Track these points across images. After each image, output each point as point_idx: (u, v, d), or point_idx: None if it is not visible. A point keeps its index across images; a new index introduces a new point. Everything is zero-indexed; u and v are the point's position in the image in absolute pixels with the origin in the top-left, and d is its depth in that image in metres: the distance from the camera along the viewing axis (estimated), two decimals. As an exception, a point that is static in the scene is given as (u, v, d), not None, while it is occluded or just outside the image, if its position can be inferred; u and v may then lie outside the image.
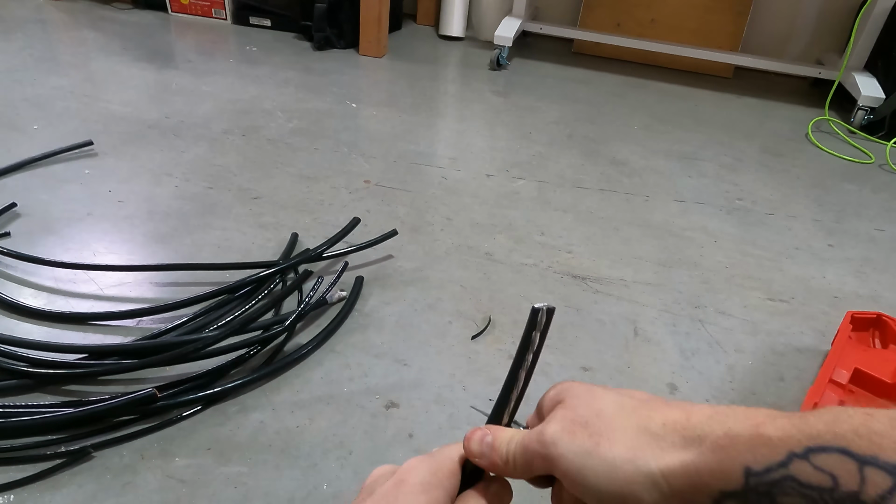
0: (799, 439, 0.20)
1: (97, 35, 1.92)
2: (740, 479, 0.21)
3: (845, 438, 0.19)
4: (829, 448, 0.19)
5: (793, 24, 2.13)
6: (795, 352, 0.89)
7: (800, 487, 0.20)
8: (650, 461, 0.25)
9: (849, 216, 1.29)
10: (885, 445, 0.18)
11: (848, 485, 0.18)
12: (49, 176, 1.14)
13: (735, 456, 0.22)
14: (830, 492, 0.19)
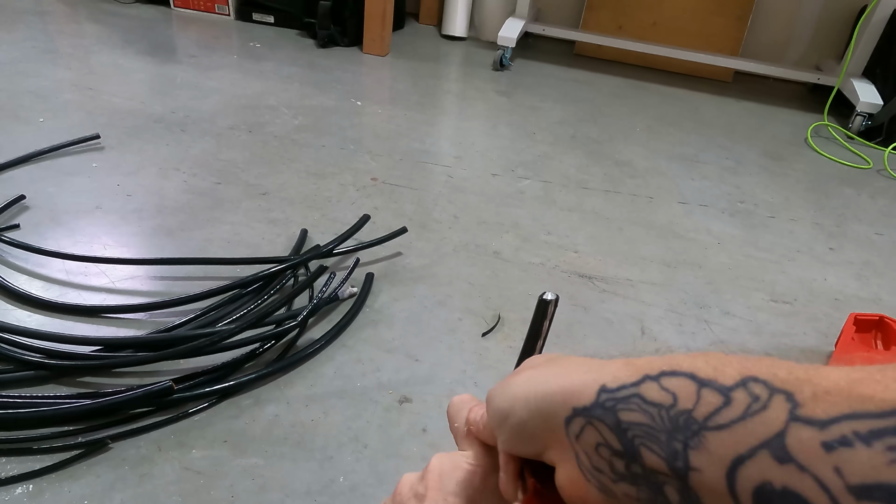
0: (660, 366, 0.21)
1: (99, 28, 1.91)
2: (592, 395, 0.23)
3: (696, 367, 0.20)
4: (679, 373, 0.20)
5: (792, 30, 2.15)
6: (799, 352, 0.91)
7: (643, 403, 0.21)
8: (533, 382, 0.27)
9: (848, 220, 1.31)
10: (727, 373, 0.19)
11: (684, 403, 0.20)
12: (56, 168, 1.14)
13: (598, 378, 0.23)
14: (668, 408, 0.20)
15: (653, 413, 0.21)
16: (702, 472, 0.19)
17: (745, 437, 0.18)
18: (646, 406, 0.21)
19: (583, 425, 0.23)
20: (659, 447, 0.20)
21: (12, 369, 0.70)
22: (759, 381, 0.19)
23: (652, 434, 0.21)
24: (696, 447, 0.19)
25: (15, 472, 0.61)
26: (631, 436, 0.21)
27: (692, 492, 0.20)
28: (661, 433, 0.20)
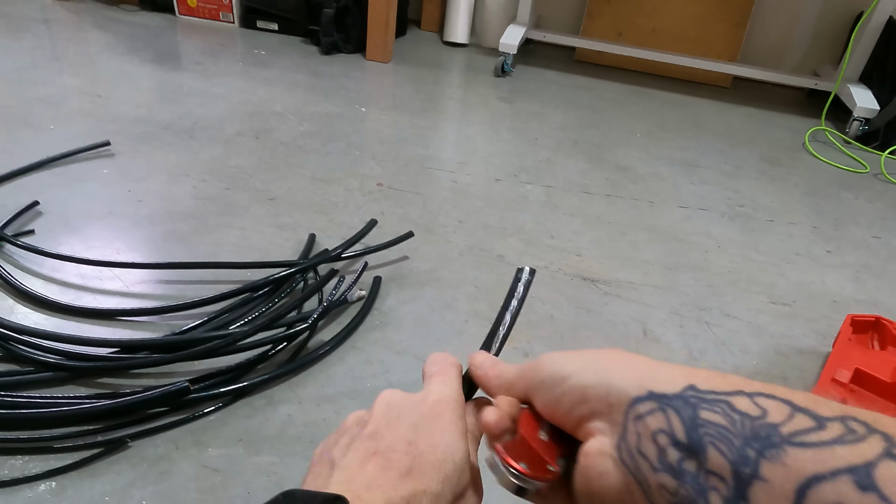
0: (757, 388, 0.23)
1: (105, 36, 1.94)
2: (678, 388, 0.24)
3: (794, 396, 0.22)
4: (776, 397, 0.22)
5: (790, 36, 2.18)
6: (798, 353, 0.93)
7: (729, 409, 0.22)
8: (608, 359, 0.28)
9: (846, 224, 1.33)
10: (826, 406, 0.21)
11: (774, 417, 0.21)
12: (68, 175, 1.16)
13: (689, 377, 0.24)
14: (754, 419, 0.21)
15: (735, 419, 0.21)
16: (769, 483, 0.19)
17: (830, 459, 0.18)
18: (731, 412, 0.22)
19: (652, 409, 0.24)
20: (729, 449, 0.21)
21: (32, 371, 0.72)
22: (858, 421, 0.19)
23: (726, 436, 0.21)
24: (771, 458, 0.20)
25: (38, 470, 0.63)
26: (702, 433, 0.22)
27: (746, 502, 0.20)
28: (737, 438, 0.21)
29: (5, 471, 0.63)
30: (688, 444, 0.22)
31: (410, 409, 0.30)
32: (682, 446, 0.22)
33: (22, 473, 0.62)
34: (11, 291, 0.85)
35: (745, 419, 0.21)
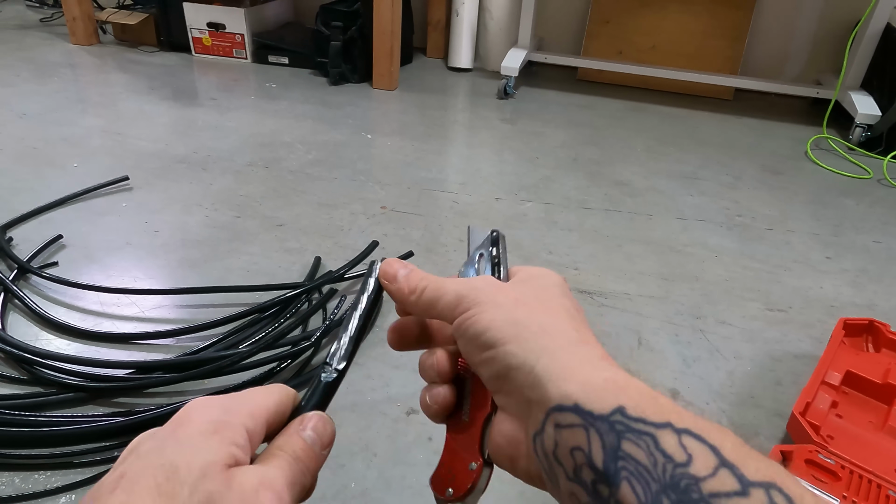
0: (688, 423, 0.21)
1: (125, 77, 2.04)
2: (606, 409, 0.22)
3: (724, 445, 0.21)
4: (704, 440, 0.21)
5: (789, 47, 2.21)
6: (793, 357, 0.94)
7: (653, 447, 0.21)
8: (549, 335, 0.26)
9: (846, 230, 1.34)
10: (752, 466, 0.20)
11: (697, 469, 0.20)
12: (89, 209, 1.23)
13: (619, 395, 0.23)
14: (677, 465, 0.20)
15: (657, 460, 0.20)
16: None
17: None
18: (654, 450, 0.21)
19: (574, 423, 0.23)
20: (644, 492, 0.20)
21: (54, 392, 0.77)
22: (782, 493, 0.19)
23: (644, 477, 0.20)
24: None
25: (58, 484, 0.67)
26: (621, 465, 0.21)
27: None
28: (655, 482, 0.20)
29: (29, 485, 0.67)
30: (603, 472, 0.22)
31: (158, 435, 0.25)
32: (597, 471, 0.22)
33: (44, 487, 0.67)
34: (36, 319, 0.91)
35: (668, 463, 0.20)
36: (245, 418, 0.25)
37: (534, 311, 0.27)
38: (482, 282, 0.29)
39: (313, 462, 0.27)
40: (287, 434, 0.27)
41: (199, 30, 2.23)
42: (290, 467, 0.25)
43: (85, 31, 2.28)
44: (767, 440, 0.79)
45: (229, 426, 0.25)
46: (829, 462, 0.62)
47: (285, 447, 0.26)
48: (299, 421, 0.28)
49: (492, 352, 0.26)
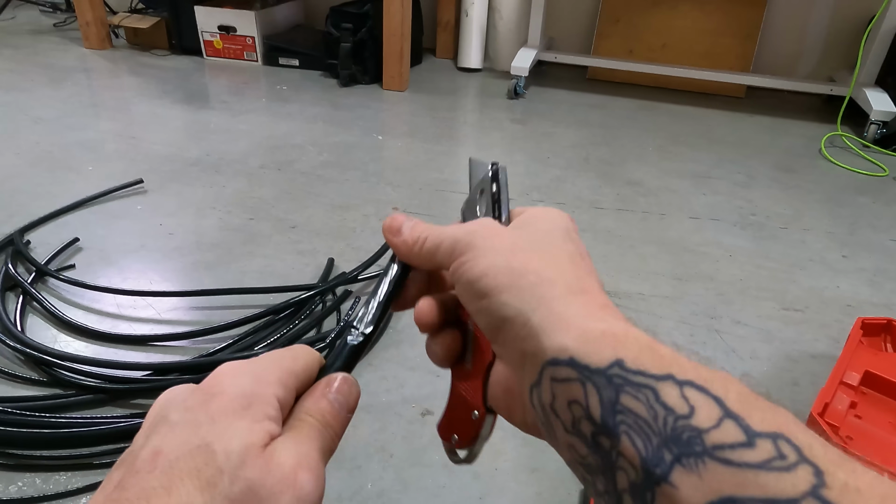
0: (690, 374, 0.20)
1: (138, 80, 2.06)
2: (604, 362, 0.21)
3: (728, 395, 0.20)
4: (707, 391, 0.20)
5: (802, 44, 2.19)
6: (810, 358, 0.93)
7: (653, 400, 0.20)
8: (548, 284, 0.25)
9: (862, 228, 1.33)
10: (758, 417, 0.19)
11: (700, 421, 0.19)
12: (105, 212, 1.24)
13: (617, 347, 0.22)
14: (679, 417, 0.20)
15: (658, 413, 0.20)
16: (678, 490, 0.18)
17: (751, 485, 0.17)
18: (655, 403, 0.20)
19: (570, 377, 0.22)
20: (644, 445, 0.20)
21: (74, 394, 0.78)
22: (790, 443, 0.18)
23: (644, 430, 0.20)
24: (688, 467, 0.18)
25: (79, 485, 0.68)
26: (619, 420, 0.20)
27: (650, 495, 0.19)
28: (656, 435, 0.19)
29: (50, 486, 0.68)
30: (601, 425, 0.21)
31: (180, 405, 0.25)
32: (596, 424, 0.21)
33: (65, 488, 0.68)
34: (55, 322, 0.92)
35: (669, 415, 0.19)
36: (276, 388, 0.25)
37: (532, 258, 0.26)
38: (479, 225, 0.28)
39: (340, 426, 0.27)
40: (314, 397, 0.27)
41: (211, 33, 2.25)
42: (320, 436, 0.25)
43: (98, 35, 2.30)
44: (785, 441, 0.78)
45: (261, 399, 0.24)
46: (850, 463, 0.62)
47: (313, 412, 0.26)
48: (325, 383, 0.27)
49: (486, 301, 0.25)
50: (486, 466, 0.72)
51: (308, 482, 0.23)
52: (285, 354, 0.27)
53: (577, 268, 0.26)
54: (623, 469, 0.20)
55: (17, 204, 1.24)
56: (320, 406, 0.26)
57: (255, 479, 0.22)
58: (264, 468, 0.22)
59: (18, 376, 0.81)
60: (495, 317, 0.25)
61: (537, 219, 0.29)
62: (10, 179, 1.34)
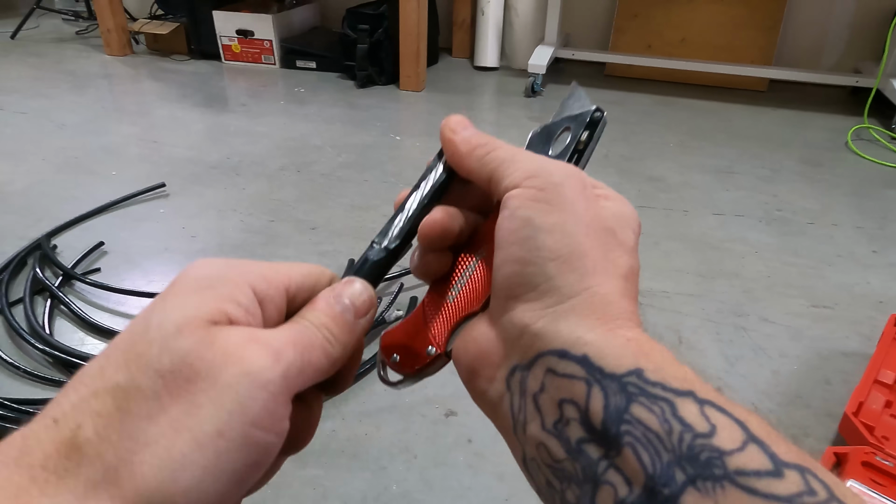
0: (712, 395, 0.19)
1: (159, 85, 2.09)
2: (621, 368, 0.20)
3: (749, 421, 0.18)
4: (730, 414, 0.18)
5: (826, 35, 2.14)
6: (841, 356, 0.91)
7: (670, 414, 0.18)
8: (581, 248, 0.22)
9: (892, 222, 1.30)
10: (783, 448, 0.18)
11: (722, 442, 0.18)
12: (129, 216, 1.26)
13: (639, 355, 0.20)
14: (697, 436, 0.18)
15: (674, 429, 0.18)
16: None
17: None
18: (671, 418, 0.18)
19: (574, 374, 0.20)
20: (652, 461, 0.18)
21: (101, 395, 0.79)
22: (819, 480, 0.17)
23: (654, 445, 0.18)
24: (704, 491, 0.17)
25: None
26: (624, 430, 0.18)
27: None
28: (668, 451, 0.18)
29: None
30: (601, 433, 0.19)
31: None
32: (592, 430, 0.19)
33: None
34: (81, 324, 0.94)
35: (686, 432, 0.18)
36: (255, 278, 0.22)
37: (599, 249, 0.23)
38: (563, 173, 0.24)
39: (344, 331, 0.23)
40: (315, 301, 0.23)
41: (229, 37, 2.27)
42: (304, 330, 0.22)
43: (119, 42, 2.33)
44: (818, 441, 0.76)
45: (229, 282, 0.21)
46: (887, 464, 0.60)
47: (307, 314, 0.23)
48: (331, 288, 0.24)
49: (531, 256, 0.22)
50: (512, 466, 0.71)
51: (260, 356, 0.19)
52: (284, 263, 0.25)
53: (628, 285, 0.23)
54: (611, 484, 0.18)
55: (43, 209, 1.26)
56: (316, 306, 0.23)
57: (191, 351, 0.19)
58: (204, 340, 0.19)
59: (47, 378, 0.82)
60: (526, 279, 0.22)
61: (622, 210, 0.26)
62: (37, 185, 1.37)
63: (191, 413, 0.18)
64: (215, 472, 0.18)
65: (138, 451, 0.18)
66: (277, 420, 0.20)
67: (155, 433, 0.18)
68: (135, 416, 0.18)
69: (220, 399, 0.19)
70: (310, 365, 0.21)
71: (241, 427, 0.19)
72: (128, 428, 0.18)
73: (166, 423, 0.18)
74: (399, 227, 0.27)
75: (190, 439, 0.18)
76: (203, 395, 0.19)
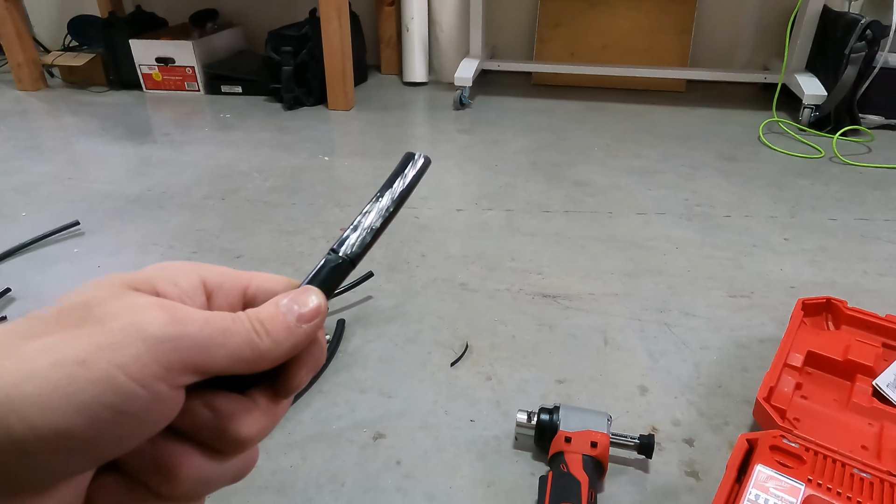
0: None
1: (76, 119, 2.01)
2: None
3: None
4: None
5: (736, 35, 2.25)
6: (758, 342, 0.95)
7: None
8: None
9: (802, 210, 1.36)
10: None
11: None
12: (40, 259, 1.20)
13: None
14: None
15: None
16: None
17: None
18: None
19: None
20: None
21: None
22: None
23: None
24: None
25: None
26: None
27: None
28: None
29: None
30: None
31: None
32: None
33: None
34: (-14, 378, 0.88)
35: None
36: (210, 272, 0.24)
37: None
38: None
39: (280, 329, 0.23)
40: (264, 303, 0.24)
41: (149, 65, 2.21)
42: (228, 316, 0.22)
43: (31, 76, 2.24)
44: (738, 428, 0.78)
45: (177, 269, 0.24)
46: (794, 446, 0.62)
47: (249, 311, 0.23)
48: (285, 293, 0.25)
49: None
50: (441, 486, 0.71)
51: (155, 316, 0.20)
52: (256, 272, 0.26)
53: None
54: None
55: (-55, 257, 1.18)
56: (262, 308, 0.24)
57: (95, 297, 0.21)
58: (115, 294, 0.21)
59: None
60: None
61: None
62: (-61, 232, 1.29)
63: (65, 341, 0.20)
64: (64, 393, 0.19)
65: (2, 360, 0.19)
66: (150, 375, 0.20)
67: (27, 349, 0.19)
68: (18, 335, 0.20)
69: (96, 336, 0.20)
70: (221, 347, 0.22)
71: (105, 365, 0.19)
72: (5, 341, 0.20)
73: (41, 344, 0.19)
74: (361, 238, 0.28)
75: (51, 358, 0.19)
76: (85, 330, 0.20)
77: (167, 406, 0.21)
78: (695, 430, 0.78)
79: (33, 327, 0.20)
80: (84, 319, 0.20)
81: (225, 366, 0.22)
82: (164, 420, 0.21)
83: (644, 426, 0.79)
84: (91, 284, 0.22)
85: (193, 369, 0.21)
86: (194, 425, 0.23)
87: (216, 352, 0.22)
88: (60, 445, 0.19)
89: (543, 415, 0.72)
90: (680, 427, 0.79)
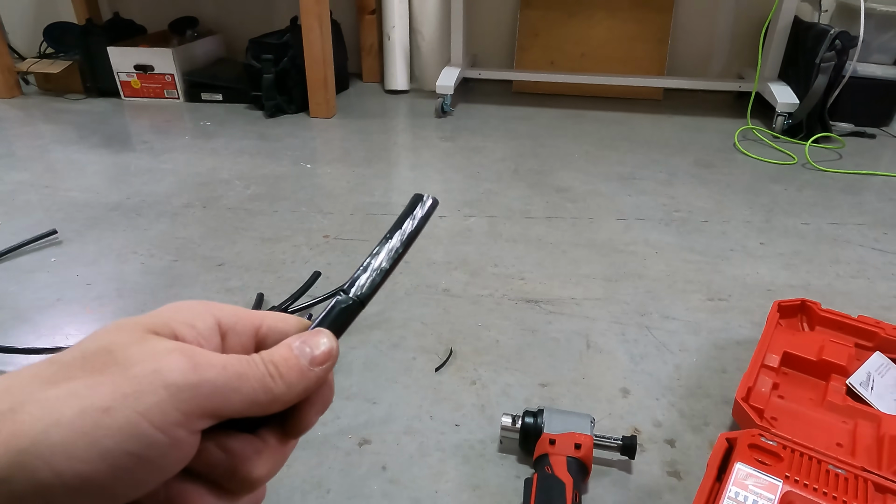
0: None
1: (53, 127, 1.98)
2: None
3: None
4: None
5: (711, 45, 2.30)
6: (735, 344, 0.96)
7: None
8: None
9: (777, 214, 1.39)
10: None
11: None
12: (16, 268, 1.18)
13: None
14: None
15: None
16: None
17: None
18: None
19: None
20: None
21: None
22: None
23: None
24: None
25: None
26: None
27: None
28: None
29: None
30: None
31: None
32: None
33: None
34: (-40, 391, 0.86)
35: None
36: (223, 312, 0.25)
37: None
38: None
39: (293, 372, 0.24)
40: (279, 344, 0.25)
41: (127, 73, 2.19)
42: (244, 360, 0.23)
43: (6, 83, 2.20)
44: (717, 428, 0.80)
45: (191, 309, 0.24)
46: (772, 444, 0.64)
47: (262, 351, 0.24)
48: (298, 335, 0.25)
49: None
50: (427, 490, 0.71)
51: (177, 362, 0.21)
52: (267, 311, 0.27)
53: None
54: None
55: (-84, 268, 1.16)
56: (275, 350, 0.24)
57: (117, 342, 0.21)
58: (136, 340, 0.22)
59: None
60: None
61: None
62: None
63: (90, 388, 0.20)
64: (89, 440, 0.19)
65: (28, 405, 0.19)
66: (171, 422, 0.20)
67: (52, 395, 0.20)
68: (42, 380, 0.20)
69: (120, 383, 0.20)
70: (237, 392, 0.22)
71: (129, 412, 0.20)
72: (31, 387, 0.20)
73: (65, 390, 0.20)
74: (373, 278, 0.29)
75: (76, 405, 0.20)
76: (108, 377, 0.20)
77: (184, 450, 0.21)
78: (676, 431, 0.79)
79: (56, 372, 0.21)
80: (107, 365, 0.21)
81: (240, 409, 0.23)
82: (180, 464, 0.22)
83: (626, 428, 0.80)
84: (111, 328, 0.22)
85: (211, 414, 0.22)
86: (207, 466, 0.23)
87: (232, 397, 0.22)
88: (83, 491, 0.19)
89: (528, 418, 0.73)
90: (661, 428, 0.80)
